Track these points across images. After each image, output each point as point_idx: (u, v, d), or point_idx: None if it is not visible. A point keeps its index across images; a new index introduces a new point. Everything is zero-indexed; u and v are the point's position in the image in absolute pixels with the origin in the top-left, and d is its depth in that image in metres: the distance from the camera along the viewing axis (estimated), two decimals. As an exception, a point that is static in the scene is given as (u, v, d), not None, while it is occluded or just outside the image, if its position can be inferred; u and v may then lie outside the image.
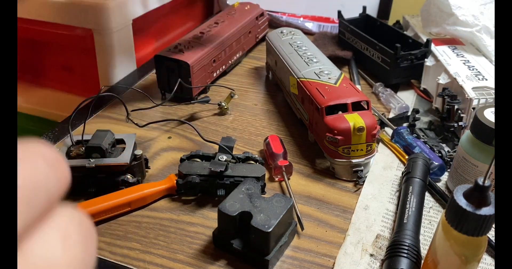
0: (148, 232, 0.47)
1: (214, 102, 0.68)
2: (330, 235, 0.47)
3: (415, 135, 0.60)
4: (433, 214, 0.49)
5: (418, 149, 0.56)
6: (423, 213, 0.48)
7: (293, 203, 0.45)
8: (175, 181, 0.50)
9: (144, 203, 0.50)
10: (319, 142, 0.57)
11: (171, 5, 0.92)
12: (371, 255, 0.44)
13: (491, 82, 0.60)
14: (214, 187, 0.50)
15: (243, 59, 0.85)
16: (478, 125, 0.46)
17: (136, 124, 0.58)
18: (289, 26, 0.97)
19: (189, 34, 0.76)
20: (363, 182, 0.53)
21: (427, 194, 0.51)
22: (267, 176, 0.54)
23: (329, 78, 0.59)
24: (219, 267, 0.43)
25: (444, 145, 0.59)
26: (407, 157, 0.55)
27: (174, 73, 0.67)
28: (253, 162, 0.52)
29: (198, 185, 0.50)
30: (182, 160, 0.52)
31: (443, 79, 0.63)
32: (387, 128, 0.63)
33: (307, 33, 0.94)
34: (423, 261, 0.40)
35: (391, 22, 0.94)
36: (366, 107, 0.55)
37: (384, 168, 0.56)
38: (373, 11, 1.02)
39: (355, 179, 0.54)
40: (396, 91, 0.72)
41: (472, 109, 0.57)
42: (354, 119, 0.52)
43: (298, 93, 0.62)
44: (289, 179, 0.54)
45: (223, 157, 0.50)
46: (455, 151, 0.56)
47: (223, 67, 0.77)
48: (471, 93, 0.58)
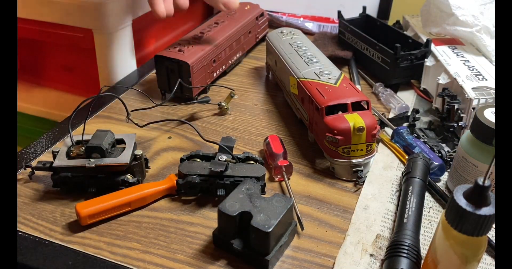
0: (148, 232, 0.47)
1: (214, 102, 0.68)
2: (330, 235, 0.47)
3: (415, 135, 0.60)
4: (433, 214, 0.49)
5: (418, 149, 0.56)
6: (423, 213, 0.48)
7: (293, 203, 0.45)
8: (175, 181, 0.50)
9: (144, 203, 0.50)
10: (319, 142, 0.57)
11: (171, 5, 0.92)
12: (371, 255, 0.44)
13: (491, 82, 0.60)
14: (214, 187, 0.50)
15: (243, 59, 0.85)
16: (478, 125, 0.46)
17: (136, 124, 0.58)
18: (289, 26, 0.97)
19: (189, 34, 0.76)
20: (363, 182, 0.53)
21: (427, 194, 0.51)
22: (267, 176, 0.54)
23: (329, 78, 0.59)
24: (219, 267, 0.43)
25: (444, 145, 0.59)
26: (407, 157, 0.55)
27: (174, 73, 0.67)
28: (253, 162, 0.52)
29: (198, 185, 0.50)
30: (182, 160, 0.52)
31: (443, 79, 0.63)
32: (387, 128, 0.63)
33: (307, 33, 0.94)
34: (423, 261, 0.40)
35: (391, 22, 0.94)
36: (366, 107, 0.55)
37: (384, 168, 0.56)
38: (373, 11, 1.02)
39: (355, 179, 0.54)
40: (396, 91, 0.72)
41: (472, 109, 0.57)
42: (354, 119, 0.52)
43: (298, 93, 0.62)
44: (289, 179, 0.54)
45: (223, 157, 0.50)
46: (455, 151, 0.56)
47: (223, 67, 0.77)
48: (471, 93, 0.58)
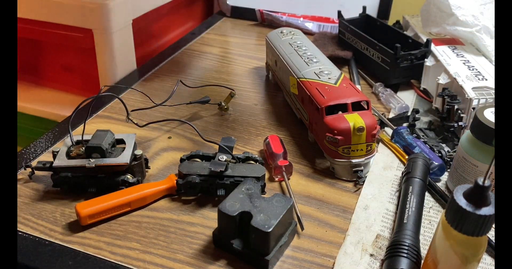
0: (148, 232, 0.47)
1: (214, 102, 0.68)
2: (330, 235, 0.47)
3: (415, 135, 0.60)
4: (433, 214, 0.49)
5: (418, 149, 0.56)
6: (423, 213, 0.48)
7: (293, 203, 0.45)
8: (175, 181, 0.50)
9: (144, 203, 0.50)
10: (319, 142, 0.57)
11: (171, 5, 0.92)
12: (371, 255, 0.44)
13: (491, 82, 0.60)
14: (214, 187, 0.50)
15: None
16: (478, 125, 0.46)
17: (136, 124, 0.58)
18: (289, 26, 0.97)
19: None
20: (363, 182, 0.53)
21: (427, 194, 0.51)
22: (267, 176, 0.54)
23: (329, 78, 0.59)
24: (219, 267, 0.43)
25: (444, 145, 0.59)
26: (407, 157, 0.55)
27: None
28: (253, 162, 0.52)
29: (198, 185, 0.50)
30: (182, 160, 0.52)
31: (443, 79, 0.63)
32: (387, 128, 0.63)
33: (307, 33, 0.94)
34: (423, 261, 0.40)
35: (391, 22, 0.94)
36: (366, 107, 0.55)
37: (384, 168, 0.56)
38: (373, 11, 1.02)
39: (355, 179, 0.54)
40: (396, 91, 0.72)
41: (472, 109, 0.57)
42: (354, 119, 0.52)
43: (298, 93, 0.62)
44: (289, 179, 0.54)
45: (223, 157, 0.50)
46: (455, 151, 0.56)
47: None
48: (471, 93, 0.58)
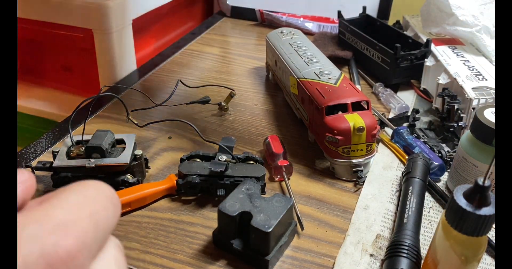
0: (148, 232, 0.47)
1: (214, 102, 0.68)
2: (330, 235, 0.47)
3: (415, 135, 0.60)
4: (433, 214, 0.49)
5: (418, 149, 0.56)
6: (423, 213, 0.48)
7: (293, 203, 0.45)
8: (175, 181, 0.50)
9: (144, 203, 0.50)
10: (319, 142, 0.57)
11: (171, 5, 0.92)
12: (371, 255, 0.44)
13: (491, 82, 0.60)
14: (214, 187, 0.50)
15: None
16: (478, 125, 0.46)
17: (136, 124, 0.58)
18: (289, 26, 0.97)
19: None
20: (363, 182, 0.53)
21: (427, 194, 0.51)
22: (267, 176, 0.54)
23: (329, 78, 0.59)
24: (219, 267, 0.43)
25: (444, 145, 0.59)
26: (407, 157, 0.55)
27: None
28: (253, 162, 0.52)
29: (198, 185, 0.50)
30: (182, 160, 0.52)
31: (443, 79, 0.63)
32: (387, 128, 0.63)
33: (307, 33, 0.94)
34: (423, 261, 0.40)
35: (391, 22, 0.94)
36: (366, 107, 0.55)
37: (384, 168, 0.56)
38: (373, 11, 1.02)
39: (355, 179, 0.54)
40: (396, 91, 0.72)
41: (472, 109, 0.57)
42: (354, 120, 0.52)
43: (298, 93, 0.62)
44: (289, 179, 0.54)
45: (223, 157, 0.50)
46: (455, 151, 0.56)
47: None
48: (471, 93, 0.58)
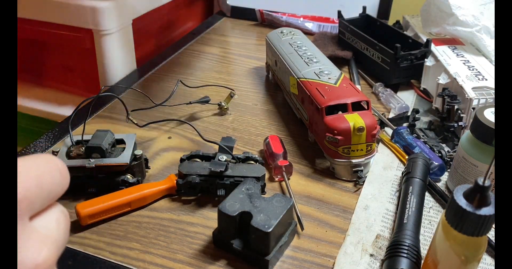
0: (148, 232, 0.47)
1: (214, 102, 0.68)
2: (330, 235, 0.47)
3: (415, 135, 0.60)
4: (433, 214, 0.49)
5: (418, 149, 0.56)
6: (423, 213, 0.48)
7: (293, 203, 0.45)
8: (175, 181, 0.50)
9: (144, 203, 0.50)
10: (319, 142, 0.57)
11: (171, 5, 0.92)
12: (371, 255, 0.44)
13: (491, 82, 0.60)
14: (214, 187, 0.50)
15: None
16: (478, 125, 0.46)
17: (136, 124, 0.58)
18: (289, 26, 0.97)
19: None
20: (363, 182, 0.53)
21: (427, 194, 0.51)
22: (267, 176, 0.54)
23: (329, 78, 0.59)
24: (219, 267, 0.43)
25: (444, 145, 0.59)
26: (407, 157, 0.55)
27: None
28: (253, 162, 0.52)
29: (198, 185, 0.50)
30: (182, 160, 0.52)
31: (443, 79, 0.63)
32: (387, 128, 0.63)
33: (307, 33, 0.94)
34: (423, 261, 0.40)
35: (391, 22, 0.94)
36: (366, 107, 0.55)
37: (384, 168, 0.56)
38: (373, 11, 1.02)
39: (355, 179, 0.54)
40: (396, 91, 0.72)
41: (472, 109, 0.57)
42: (354, 119, 0.52)
43: (298, 93, 0.62)
44: (289, 179, 0.54)
45: (223, 157, 0.50)
46: (455, 151, 0.56)
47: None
48: (471, 93, 0.58)
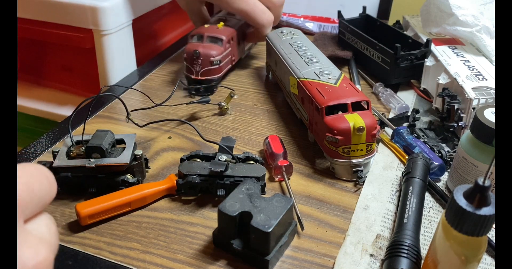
0: (148, 232, 0.47)
1: (214, 102, 0.68)
2: (330, 235, 0.47)
3: (415, 135, 0.60)
4: (433, 214, 0.49)
5: (418, 149, 0.56)
6: (423, 213, 0.48)
7: (293, 203, 0.45)
8: (175, 181, 0.50)
9: (144, 203, 0.50)
10: (319, 142, 0.57)
11: (171, 5, 0.92)
12: (371, 255, 0.44)
13: (491, 82, 0.60)
14: (214, 187, 0.50)
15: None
16: (478, 125, 0.46)
17: (136, 124, 0.58)
18: (290, 26, 0.97)
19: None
20: (363, 182, 0.53)
21: (427, 194, 0.51)
22: (267, 176, 0.54)
23: (329, 78, 0.59)
24: (219, 267, 0.43)
25: (444, 145, 0.59)
26: (407, 157, 0.55)
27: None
28: (253, 162, 0.52)
29: (198, 185, 0.50)
30: (182, 160, 0.52)
31: (443, 79, 0.63)
32: (387, 128, 0.63)
33: (308, 33, 0.94)
34: (423, 261, 0.40)
35: (391, 22, 0.94)
36: (366, 107, 0.55)
37: (384, 168, 0.56)
38: (373, 11, 1.02)
39: (355, 179, 0.54)
40: (396, 91, 0.72)
41: (472, 109, 0.57)
42: (354, 119, 0.52)
43: (298, 93, 0.62)
44: (289, 179, 0.54)
45: (223, 157, 0.50)
46: (455, 151, 0.56)
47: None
48: (471, 93, 0.58)
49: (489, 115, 0.46)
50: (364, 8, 0.87)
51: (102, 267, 0.43)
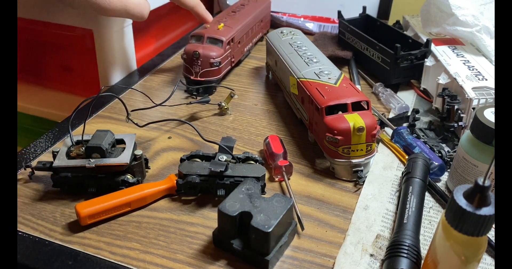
0: (148, 232, 0.47)
1: (214, 102, 0.68)
2: (330, 235, 0.47)
3: (415, 135, 0.60)
4: (433, 214, 0.49)
5: (418, 149, 0.56)
6: (423, 213, 0.48)
7: (293, 203, 0.45)
8: (175, 181, 0.50)
9: (144, 203, 0.50)
10: (319, 142, 0.57)
11: (171, 5, 0.92)
12: (371, 255, 0.44)
13: (491, 82, 0.60)
14: (214, 187, 0.50)
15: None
16: (478, 125, 0.46)
17: (136, 124, 0.58)
18: (290, 26, 0.97)
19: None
20: (363, 182, 0.53)
21: (427, 194, 0.51)
22: (267, 176, 0.54)
23: (329, 78, 0.59)
24: (219, 267, 0.43)
25: (444, 145, 0.59)
26: (407, 157, 0.55)
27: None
28: (253, 162, 0.52)
29: (198, 185, 0.50)
30: (182, 160, 0.52)
31: (443, 79, 0.63)
32: (387, 128, 0.63)
33: (308, 33, 0.94)
34: (423, 261, 0.40)
35: (391, 22, 0.94)
36: (366, 107, 0.55)
37: (384, 168, 0.56)
38: (373, 11, 1.02)
39: (355, 179, 0.54)
40: (396, 91, 0.72)
41: (472, 109, 0.57)
42: (354, 120, 0.52)
43: (298, 93, 0.62)
44: (289, 179, 0.54)
45: (223, 157, 0.50)
46: (455, 151, 0.56)
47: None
48: (471, 93, 0.58)
49: (489, 115, 0.46)
50: (364, 8, 0.87)
51: (102, 267, 0.43)
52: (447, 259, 0.35)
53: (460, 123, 0.59)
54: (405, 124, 0.64)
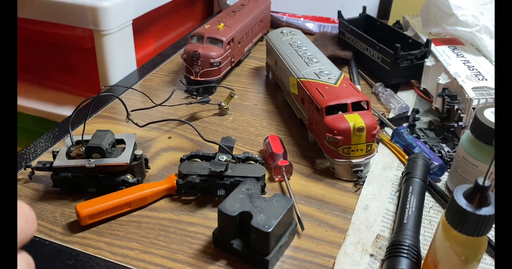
0: (148, 232, 0.47)
1: (214, 102, 0.68)
2: (330, 235, 0.47)
3: (415, 135, 0.60)
4: (433, 214, 0.49)
5: (418, 149, 0.56)
6: (423, 213, 0.48)
7: (293, 203, 0.45)
8: (175, 181, 0.50)
9: (144, 203, 0.50)
10: (319, 142, 0.57)
11: (171, 5, 0.92)
12: (371, 255, 0.44)
13: (491, 82, 0.60)
14: (214, 187, 0.50)
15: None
16: (478, 125, 0.46)
17: (136, 124, 0.58)
18: (290, 26, 0.97)
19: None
20: (363, 182, 0.53)
21: (427, 194, 0.51)
22: (267, 176, 0.54)
23: (329, 78, 0.59)
24: (219, 267, 0.43)
25: (444, 145, 0.59)
26: (407, 157, 0.55)
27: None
28: (253, 162, 0.52)
29: (198, 185, 0.50)
30: (182, 160, 0.52)
31: (443, 79, 0.63)
32: (387, 128, 0.63)
33: (308, 33, 0.94)
34: (423, 261, 0.40)
35: (391, 22, 0.94)
36: (366, 107, 0.55)
37: (384, 168, 0.56)
38: (373, 11, 1.02)
39: (355, 179, 0.54)
40: (396, 91, 0.72)
41: (472, 109, 0.57)
42: (354, 120, 0.52)
43: (298, 93, 0.62)
44: (289, 179, 0.54)
45: (223, 157, 0.50)
46: (455, 151, 0.56)
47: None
48: (471, 93, 0.58)
49: (489, 115, 0.46)
50: (364, 8, 0.87)
51: (102, 267, 0.43)
52: (447, 259, 0.35)
53: (460, 123, 0.59)
54: (405, 124, 0.64)
